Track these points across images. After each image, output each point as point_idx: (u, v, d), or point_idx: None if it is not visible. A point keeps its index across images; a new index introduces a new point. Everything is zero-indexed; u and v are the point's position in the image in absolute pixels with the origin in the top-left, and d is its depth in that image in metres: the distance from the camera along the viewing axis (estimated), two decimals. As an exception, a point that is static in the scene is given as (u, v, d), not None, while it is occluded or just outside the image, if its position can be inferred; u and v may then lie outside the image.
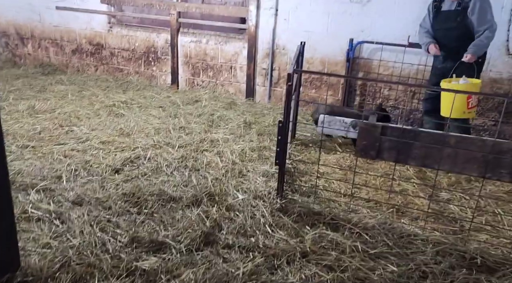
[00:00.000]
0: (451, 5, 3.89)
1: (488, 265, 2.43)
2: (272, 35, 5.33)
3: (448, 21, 3.90)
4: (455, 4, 3.87)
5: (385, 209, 3.07)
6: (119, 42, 6.29)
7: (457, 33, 3.86)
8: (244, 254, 2.45)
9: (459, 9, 3.83)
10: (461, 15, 3.82)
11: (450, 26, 3.89)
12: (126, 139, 4.02)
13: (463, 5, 3.81)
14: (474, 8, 3.74)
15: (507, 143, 2.41)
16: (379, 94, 5.07)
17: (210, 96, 5.66)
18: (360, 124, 2.75)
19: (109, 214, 2.72)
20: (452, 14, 3.88)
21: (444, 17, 3.94)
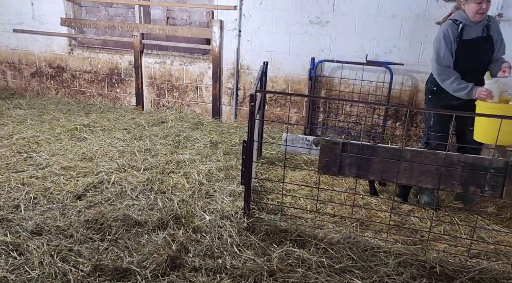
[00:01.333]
0: (477, 31, 3.30)
1: (447, 273, 2.53)
2: (236, 55, 5.43)
3: (478, 51, 3.29)
4: (481, 30, 3.30)
5: (349, 223, 3.15)
6: (80, 65, 6.19)
7: (488, 63, 3.34)
8: (211, 277, 2.43)
9: (485, 36, 3.32)
10: (489, 42, 3.34)
11: (484, 55, 3.31)
12: (89, 163, 3.93)
13: (487, 30, 3.32)
14: (498, 32, 3.36)
15: (457, 156, 2.55)
16: (341, 110, 5.24)
17: (176, 116, 5.65)
18: (322, 142, 2.83)
19: (71, 243, 2.63)
20: (481, 41, 3.30)
21: (472, 46, 3.28)
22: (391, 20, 4.70)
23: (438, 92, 3.43)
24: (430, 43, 4.62)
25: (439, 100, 3.46)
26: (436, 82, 3.42)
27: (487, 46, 3.34)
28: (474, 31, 3.30)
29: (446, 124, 3.49)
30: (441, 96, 3.43)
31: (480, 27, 3.31)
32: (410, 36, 4.70)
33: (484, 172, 2.49)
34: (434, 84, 3.46)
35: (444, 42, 3.28)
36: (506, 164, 2.44)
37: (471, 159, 2.53)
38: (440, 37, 3.31)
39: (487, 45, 3.33)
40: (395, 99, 4.93)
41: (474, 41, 3.30)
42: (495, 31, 3.36)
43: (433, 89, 3.48)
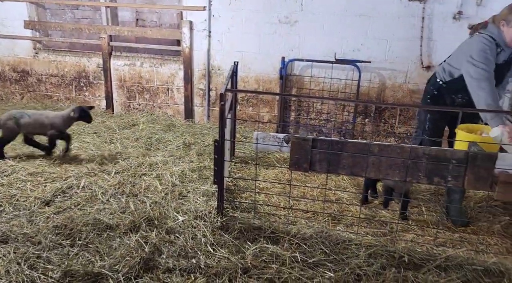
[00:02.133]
0: (505, 56, 3.09)
1: (415, 262, 2.62)
2: (207, 56, 5.42)
3: (500, 74, 3.13)
4: (509, 55, 3.10)
5: (321, 218, 3.20)
6: (46, 68, 6.02)
7: (499, 84, 3.19)
8: (185, 277, 2.43)
9: (508, 60, 3.14)
10: (508, 66, 3.18)
11: (500, 81, 3.18)
12: (57, 168, 3.82)
13: (510, 55, 3.12)
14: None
15: (422, 148, 2.64)
16: (312, 108, 5.32)
17: (147, 119, 5.58)
18: (292, 139, 2.86)
19: (39, 250, 2.56)
20: (505, 67, 3.16)
21: (497, 72, 3.05)
22: (358, 19, 4.82)
23: (438, 96, 3.33)
24: (396, 41, 4.80)
25: (438, 104, 3.37)
26: (438, 85, 3.29)
27: (506, 71, 3.17)
28: (503, 56, 3.08)
29: (440, 131, 3.43)
30: (440, 102, 3.33)
31: (508, 52, 3.09)
32: (376, 35, 4.82)
33: (447, 163, 2.59)
34: (435, 88, 3.33)
35: (491, 55, 2.98)
36: (466, 155, 2.54)
37: (434, 151, 2.63)
38: (486, 50, 2.97)
39: (506, 70, 3.16)
40: (364, 96, 5.05)
41: (499, 66, 3.07)
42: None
43: (433, 93, 3.35)
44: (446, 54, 4.65)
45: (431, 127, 3.41)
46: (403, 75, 4.89)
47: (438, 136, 3.43)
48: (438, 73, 3.36)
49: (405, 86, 4.93)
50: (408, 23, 4.70)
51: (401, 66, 4.86)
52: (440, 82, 3.31)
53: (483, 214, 3.33)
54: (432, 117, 3.39)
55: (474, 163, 2.52)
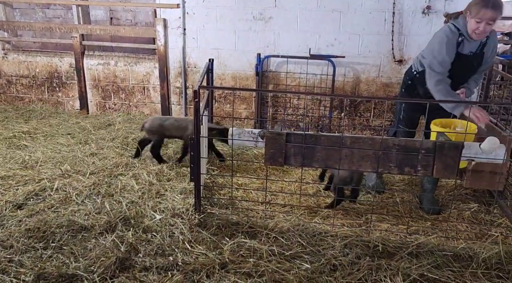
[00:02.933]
0: (472, 48, 3.12)
1: (388, 250, 2.69)
2: (183, 54, 5.38)
3: (466, 67, 3.17)
4: (477, 47, 3.12)
5: (298, 212, 3.24)
6: (16, 69, 5.86)
7: (468, 79, 3.26)
8: (163, 274, 2.42)
9: (478, 53, 3.15)
10: (479, 59, 3.18)
11: (468, 71, 3.20)
12: (30, 171, 3.74)
13: (481, 47, 3.14)
14: (493, 50, 3.18)
15: (392, 140, 2.71)
16: (289, 104, 5.36)
17: (123, 118, 5.51)
18: (267, 134, 2.89)
19: (11, 254, 2.51)
20: (471, 59, 3.15)
21: (462, 62, 3.12)
22: (331, 14, 4.88)
23: (412, 87, 3.38)
24: (368, 36, 4.88)
25: (411, 95, 3.42)
26: (413, 76, 3.36)
27: (475, 63, 3.18)
28: (469, 47, 3.11)
29: (414, 121, 3.50)
30: (414, 92, 3.38)
31: (476, 44, 3.11)
32: (349, 29, 4.90)
33: (416, 153, 2.66)
34: (410, 78, 3.40)
35: (446, 48, 3.04)
36: (434, 145, 2.62)
37: (404, 142, 2.70)
38: (443, 40, 3.05)
39: (475, 62, 3.17)
40: (339, 90, 5.12)
41: (465, 57, 3.12)
42: (491, 48, 3.16)
43: (408, 83, 3.42)
44: (417, 48, 4.81)
45: (405, 116, 3.51)
46: (376, 69, 4.99)
47: (412, 126, 3.52)
48: (414, 64, 3.44)
49: (378, 80, 5.02)
50: (380, 18, 4.79)
51: (374, 60, 4.96)
52: (414, 73, 3.39)
53: (454, 202, 3.44)
54: (406, 107, 3.49)
55: (442, 152, 2.60)
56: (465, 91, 3.20)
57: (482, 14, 2.91)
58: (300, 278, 2.40)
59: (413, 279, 2.40)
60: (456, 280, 2.41)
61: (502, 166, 2.81)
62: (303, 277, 2.41)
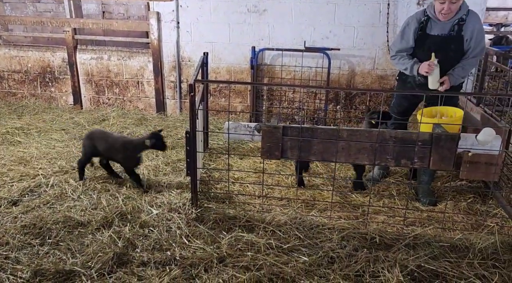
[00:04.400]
0: (443, 29, 3.17)
1: (385, 242, 2.70)
2: (176, 47, 5.33)
3: (441, 48, 3.18)
4: (449, 28, 3.16)
5: (295, 205, 3.24)
6: (8, 64, 5.78)
7: (451, 62, 3.21)
8: (160, 269, 2.42)
9: (453, 34, 3.15)
10: (456, 41, 3.17)
11: (444, 55, 3.16)
12: (25, 167, 3.70)
13: (457, 29, 3.14)
14: (473, 32, 3.14)
15: (388, 132, 2.71)
16: (285, 97, 5.35)
17: (118, 113, 5.46)
18: (263, 127, 2.88)
19: (7, 250, 2.49)
20: (446, 40, 3.18)
21: (433, 43, 3.19)
22: (325, 6, 4.85)
23: (404, 76, 3.43)
24: (363, 28, 4.86)
25: (404, 82, 3.46)
26: None
27: (452, 46, 3.17)
28: (439, 28, 3.17)
29: (404, 110, 3.55)
30: (407, 80, 3.42)
31: (448, 25, 3.14)
32: (344, 22, 4.87)
33: (413, 145, 2.67)
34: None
35: (402, 32, 3.30)
36: (431, 137, 2.63)
37: (401, 134, 2.70)
38: (404, 24, 3.33)
39: (452, 44, 3.17)
40: (334, 83, 5.11)
41: (435, 38, 3.18)
42: (469, 32, 3.14)
43: (400, 72, 3.52)
44: (412, 39, 4.78)
45: (396, 103, 3.62)
46: (371, 62, 4.98)
47: (403, 114, 3.59)
48: None
49: (373, 72, 5.01)
50: (375, 10, 4.77)
51: (369, 53, 4.94)
52: None
53: (450, 193, 3.46)
54: (397, 94, 3.63)
55: (438, 144, 2.61)
56: (448, 78, 3.17)
57: None
58: (298, 271, 2.41)
59: (410, 270, 2.41)
60: (453, 271, 2.43)
61: (497, 157, 2.82)
62: (301, 270, 2.42)
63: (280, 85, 5.07)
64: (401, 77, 3.52)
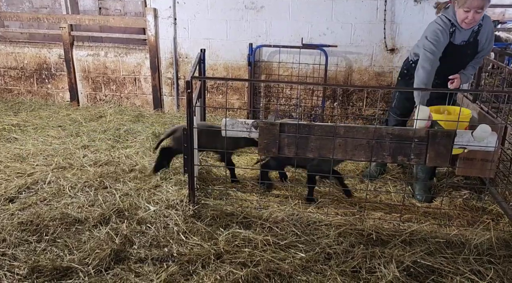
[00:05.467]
0: (464, 36, 3.12)
1: (382, 238, 2.72)
2: (174, 44, 5.32)
3: (459, 56, 3.18)
4: (469, 35, 3.12)
5: (292, 201, 3.25)
6: (4, 60, 5.75)
7: (463, 67, 3.25)
8: (158, 265, 2.42)
9: (471, 41, 3.14)
10: (473, 46, 3.17)
11: (462, 60, 3.20)
12: (21, 164, 3.70)
13: (475, 35, 3.13)
14: (488, 37, 3.16)
15: (385, 128, 2.72)
16: (282, 94, 5.35)
17: (115, 110, 5.44)
18: (260, 124, 2.88)
19: (4, 247, 2.49)
20: (464, 48, 3.16)
21: (457, 52, 3.15)
22: (323, 3, 4.84)
23: (408, 76, 3.41)
24: (360, 25, 4.87)
25: (407, 83, 3.44)
26: (409, 65, 3.40)
27: (469, 51, 3.18)
28: (461, 36, 3.12)
29: (407, 112, 3.50)
30: (409, 81, 3.36)
31: (468, 32, 3.10)
32: (341, 19, 4.87)
33: (409, 142, 2.68)
34: (406, 68, 3.44)
35: (440, 34, 3.03)
36: (427, 133, 2.64)
37: (397, 130, 2.71)
38: (437, 28, 3.04)
39: (469, 50, 3.17)
40: (331, 80, 5.11)
41: (458, 47, 3.14)
42: (485, 35, 3.15)
43: (404, 72, 3.47)
44: (409, 36, 4.81)
45: (397, 105, 3.57)
46: (368, 58, 4.98)
47: (404, 115, 3.55)
48: (410, 53, 3.48)
49: (371, 69, 5.02)
50: (372, 7, 4.77)
51: (366, 50, 4.94)
52: (410, 62, 3.43)
53: (446, 189, 3.47)
54: (399, 96, 3.54)
55: (434, 141, 2.62)
56: (460, 76, 3.20)
57: (470, 3, 2.90)
58: (295, 267, 2.42)
59: (406, 266, 2.43)
60: (449, 266, 2.45)
61: (493, 153, 2.84)
62: (298, 266, 2.43)
63: (277, 82, 5.07)
64: (404, 78, 3.50)
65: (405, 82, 3.49)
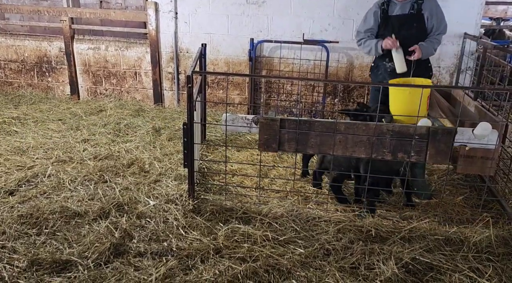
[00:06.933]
0: (403, 9, 3.47)
1: (381, 235, 2.72)
2: (174, 38, 5.30)
3: (404, 27, 3.46)
4: (408, 7, 3.47)
5: (292, 197, 3.25)
6: (4, 53, 5.73)
7: (416, 39, 3.45)
8: (157, 259, 2.43)
9: (414, 13, 3.45)
10: (417, 19, 3.46)
11: (407, 32, 3.46)
12: (21, 157, 3.70)
13: (417, 8, 3.45)
14: (432, 10, 3.45)
15: (386, 125, 2.71)
16: (282, 90, 5.33)
17: (115, 104, 5.43)
18: (261, 119, 2.87)
19: (3, 240, 2.50)
20: (407, 19, 3.47)
21: (397, 23, 3.49)
22: (325, -2, 4.82)
23: (375, 67, 3.71)
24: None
25: (376, 75, 3.71)
26: (375, 58, 3.70)
27: (415, 24, 3.45)
28: (399, 8, 3.48)
29: (382, 102, 3.46)
30: (378, 72, 3.69)
31: (408, 5, 3.45)
32: (343, 14, 4.85)
33: (410, 139, 2.67)
34: (373, 60, 3.74)
35: (365, 17, 3.62)
36: (428, 131, 2.63)
37: (398, 127, 2.71)
38: (365, 14, 3.63)
39: (414, 23, 3.45)
40: (332, 76, 5.10)
41: (397, 17, 3.48)
42: (428, 9, 3.44)
43: (371, 65, 3.77)
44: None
45: (372, 98, 3.82)
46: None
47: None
48: None
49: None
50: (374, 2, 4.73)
51: (368, 46, 4.91)
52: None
53: (445, 186, 3.47)
54: (371, 90, 3.90)
55: (435, 138, 2.61)
56: (419, 47, 3.40)
57: None
58: (294, 262, 2.42)
59: (405, 263, 2.43)
60: (447, 263, 2.45)
61: (493, 151, 2.83)
62: (297, 261, 2.44)
63: (278, 77, 5.05)
64: (373, 71, 3.76)
65: (375, 76, 3.74)
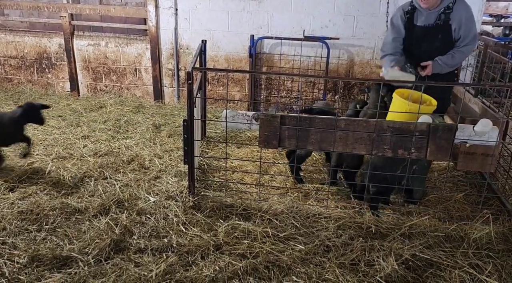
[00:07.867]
0: (429, 19, 3.13)
1: (381, 231, 2.72)
2: (175, 35, 5.28)
3: (427, 38, 3.16)
4: (435, 17, 3.12)
5: (292, 194, 3.25)
6: (4, 49, 5.72)
7: (437, 53, 3.14)
8: (157, 256, 2.43)
9: (440, 24, 3.10)
10: (443, 31, 3.11)
11: (430, 45, 3.15)
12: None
13: (444, 18, 3.10)
14: (461, 21, 3.07)
15: (386, 122, 2.70)
16: (283, 86, 5.32)
17: (115, 101, 5.42)
18: (261, 116, 2.87)
19: (4, 236, 2.50)
20: (432, 30, 3.14)
21: (420, 34, 3.17)
22: (325, -5, 4.80)
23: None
24: (363, 17, 4.82)
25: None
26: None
27: (440, 36, 3.12)
28: (425, 18, 3.13)
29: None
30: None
31: (434, 14, 3.10)
32: (344, 11, 4.83)
33: (410, 136, 2.67)
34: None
35: (390, 23, 3.30)
36: (428, 127, 2.63)
37: (398, 124, 2.70)
38: (391, 17, 3.25)
39: (439, 34, 3.12)
40: (333, 72, 5.09)
41: (421, 28, 3.14)
42: (457, 19, 3.06)
43: None
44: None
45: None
46: (370, 51, 4.95)
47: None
48: None
49: (372, 62, 4.99)
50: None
51: (368, 42, 4.91)
52: None
53: (446, 183, 3.47)
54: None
55: (436, 135, 2.61)
56: (432, 64, 3.11)
57: None
58: (294, 259, 2.43)
59: (405, 259, 2.44)
60: (447, 260, 2.46)
61: (494, 148, 2.83)
62: (297, 258, 2.44)
63: (278, 74, 5.04)
64: None
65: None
